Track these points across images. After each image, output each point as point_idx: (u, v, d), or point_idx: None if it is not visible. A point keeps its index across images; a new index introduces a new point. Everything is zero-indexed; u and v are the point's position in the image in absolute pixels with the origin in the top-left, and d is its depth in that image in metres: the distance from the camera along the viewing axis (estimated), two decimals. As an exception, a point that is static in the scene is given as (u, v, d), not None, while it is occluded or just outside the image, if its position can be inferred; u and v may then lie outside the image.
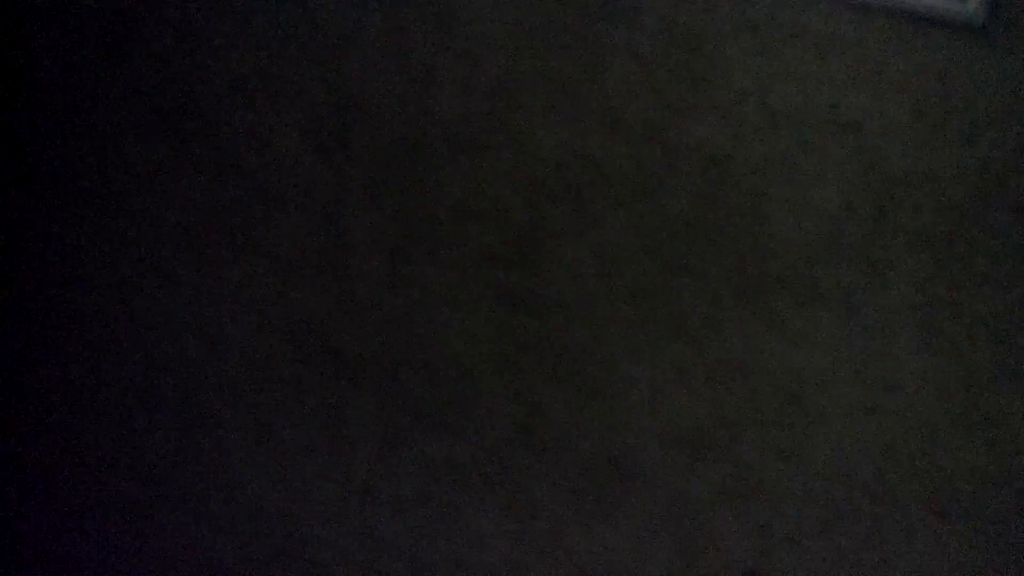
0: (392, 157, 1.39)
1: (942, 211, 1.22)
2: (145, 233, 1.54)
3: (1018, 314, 1.23)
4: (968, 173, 1.21)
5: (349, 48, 1.36)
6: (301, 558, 1.62)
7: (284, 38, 1.38)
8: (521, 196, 1.35)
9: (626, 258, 1.33)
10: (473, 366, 1.43)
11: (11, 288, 1.63)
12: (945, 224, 1.23)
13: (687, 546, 1.41)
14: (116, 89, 1.49)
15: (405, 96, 1.35)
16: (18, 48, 1.50)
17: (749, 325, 1.31)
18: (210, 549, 1.67)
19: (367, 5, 1.33)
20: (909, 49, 1.19)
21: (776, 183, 1.26)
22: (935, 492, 1.30)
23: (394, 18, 1.33)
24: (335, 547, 1.60)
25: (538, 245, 1.36)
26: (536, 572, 1.50)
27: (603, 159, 1.31)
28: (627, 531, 1.43)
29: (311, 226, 1.45)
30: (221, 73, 1.42)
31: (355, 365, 1.49)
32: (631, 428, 1.39)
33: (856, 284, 1.27)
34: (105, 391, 1.65)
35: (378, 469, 1.53)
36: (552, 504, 1.46)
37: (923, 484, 1.31)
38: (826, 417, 1.31)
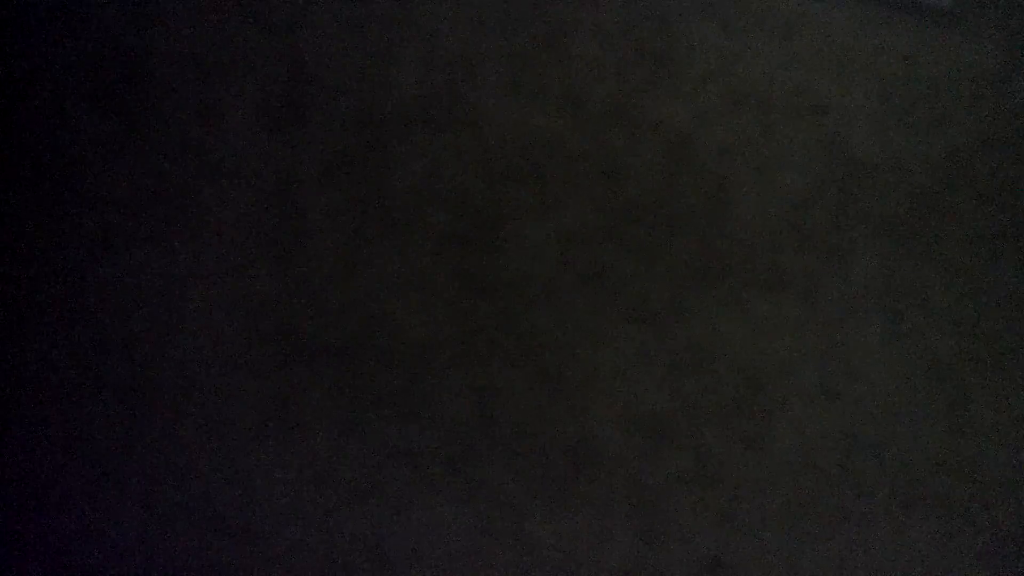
0: (349, 135, 1.37)
1: (906, 197, 1.22)
2: (92, 209, 1.52)
3: (981, 301, 1.23)
4: (933, 159, 1.20)
5: (305, 21, 1.35)
6: (255, 546, 1.61)
7: (238, 10, 1.37)
8: (481, 176, 1.34)
9: (587, 241, 1.32)
10: (432, 350, 1.42)
11: (-44, 268, 1.61)
12: (909, 210, 1.23)
13: (648, 533, 1.41)
14: (62, 61, 1.46)
15: (363, 72, 1.34)
16: (-37, 20, 1.47)
17: (711, 310, 1.30)
18: (160, 536, 1.65)
19: (324, -20, 1.31)
20: (875, 33, 1.18)
21: (739, 166, 1.25)
22: (897, 480, 1.31)
23: (352, -6, 1.31)
24: (290, 536, 1.59)
25: (498, 227, 1.35)
26: (496, 560, 1.49)
27: (564, 139, 1.30)
28: (588, 518, 1.43)
29: (265, 205, 1.43)
30: (172, 45, 1.41)
31: (310, 349, 1.48)
32: (592, 414, 1.38)
33: (819, 270, 1.27)
34: (50, 372, 1.62)
35: (334, 456, 1.52)
36: (512, 491, 1.45)
37: (885, 472, 1.31)
38: (788, 404, 1.31)
